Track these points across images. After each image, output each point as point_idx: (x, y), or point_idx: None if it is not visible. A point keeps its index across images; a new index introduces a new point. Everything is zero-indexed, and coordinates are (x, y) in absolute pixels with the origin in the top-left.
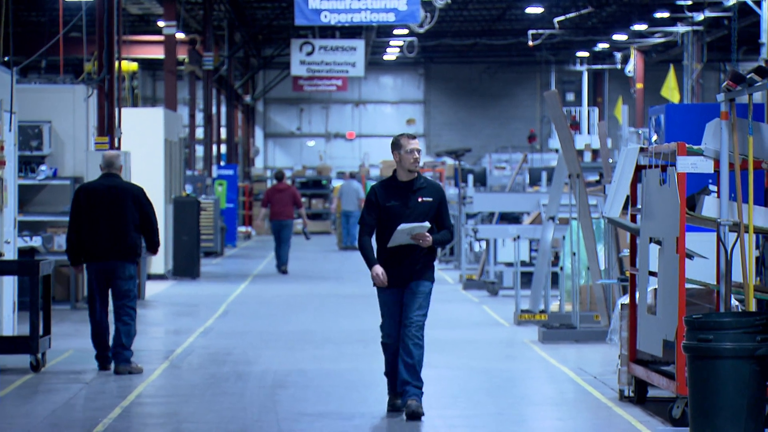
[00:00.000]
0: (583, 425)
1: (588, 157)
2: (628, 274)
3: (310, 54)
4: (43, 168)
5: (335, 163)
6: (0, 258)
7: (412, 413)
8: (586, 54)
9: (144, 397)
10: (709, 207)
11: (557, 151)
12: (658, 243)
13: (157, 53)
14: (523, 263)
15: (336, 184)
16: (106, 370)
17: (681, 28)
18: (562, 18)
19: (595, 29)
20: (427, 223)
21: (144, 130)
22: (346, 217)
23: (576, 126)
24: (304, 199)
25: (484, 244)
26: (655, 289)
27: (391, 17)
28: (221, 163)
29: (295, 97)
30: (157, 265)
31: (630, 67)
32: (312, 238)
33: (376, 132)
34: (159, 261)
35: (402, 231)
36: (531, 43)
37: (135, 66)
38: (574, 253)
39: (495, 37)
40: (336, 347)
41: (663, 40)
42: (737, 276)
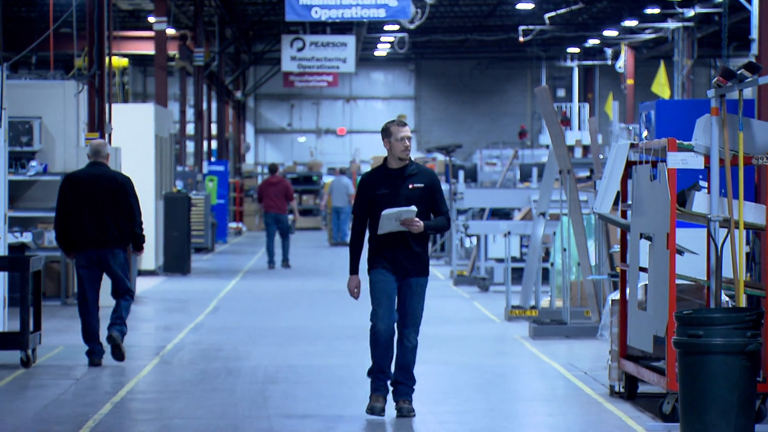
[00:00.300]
0: (573, 421)
1: (579, 153)
2: (618, 270)
3: (300, 50)
4: (33, 164)
5: (326, 159)
6: None
7: (403, 416)
8: (576, 50)
9: (134, 393)
10: (700, 203)
11: (548, 147)
12: (649, 239)
13: (148, 49)
14: (513, 259)
15: (327, 180)
16: (96, 366)
17: (671, 24)
18: (553, 14)
19: (585, 25)
20: (413, 207)
21: (134, 126)
22: (336, 213)
23: (567, 122)
24: (295, 195)
25: (474, 240)
26: (646, 284)
27: (381, 13)
28: (212, 159)
29: (285, 93)
30: (148, 261)
31: (621, 63)
32: (302, 234)
33: (367, 128)
34: (149, 257)
35: (389, 216)
36: (522, 39)
37: (125, 62)
38: (565, 249)
39: (486, 33)
40: (327, 343)
41: (653, 36)
42: (728, 272)
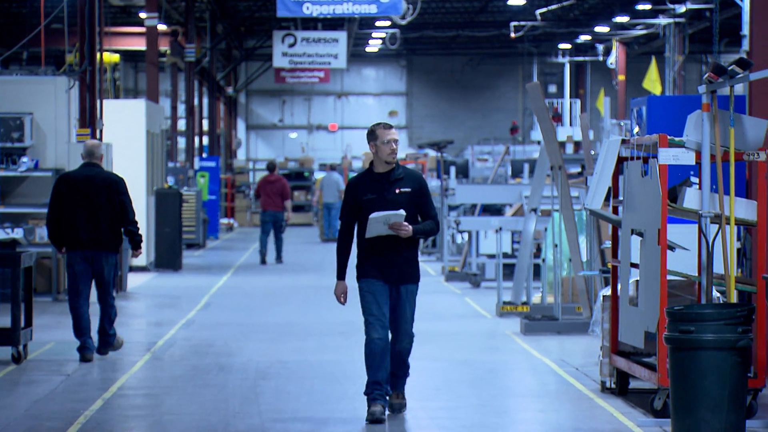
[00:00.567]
0: (564, 417)
1: (570, 148)
2: (609, 265)
3: (292, 46)
4: (24, 160)
5: (318, 155)
6: None
7: (395, 412)
8: (568, 46)
9: (126, 389)
10: (691, 198)
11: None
12: (640, 234)
13: (139, 45)
14: (505, 255)
15: (318, 176)
16: (87, 362)
17: (663, 20)
18: (544, 10)
19: (577, 21)
20: (401, 211)
21: (126, 122)
22: (327, 209)
23: (558, 118)
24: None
25: (466, 235)
26: (637, 280)
27: (373, 9)
28: (203, 154)
29: (277, 88)
30: (139, 257)
31: (612, 59)
32: (293, 230)
33: (359, 124)
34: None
35: (376, 220)
36: (513, 34)
37: (117, 58)
38: (556, 245)
39: (477, 28)
40: (318, 339)
41: (645, 32)
42: (719, 267)
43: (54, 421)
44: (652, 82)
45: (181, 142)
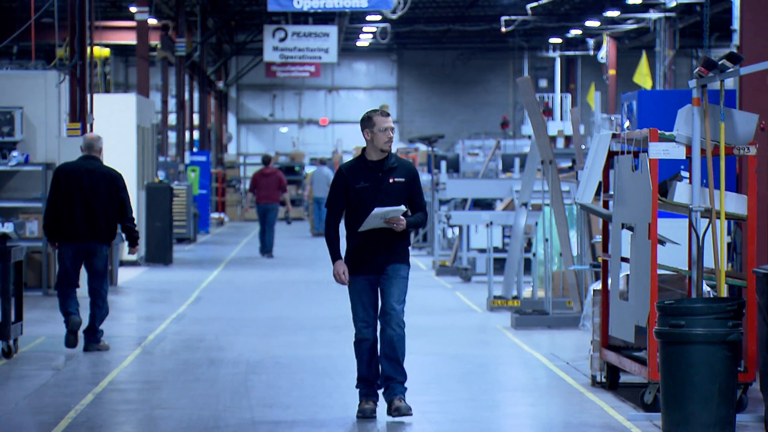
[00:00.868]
0: (555, 411)
1: (561, 143)
2: (600, 260)
3: (283, 40)
4: (14, 154)
5: (308, 149)
6: None
7: (402, 415)
8: (558, 40)
9: (116, 384)
10: (681, 193)
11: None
12: (631, 229)
13: (130, 39)
14: (495, 249)
15: (309, 170)
16: (73, 347)
17: (653, 15)
18: (535, 4)
19: (567, 15)
20: (402, 207)
21: (116, 116)
22: (317, 203)
23: (549, 112)
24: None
25: (457, 230)
26: (628, 275)
27: (363, 3)
28: (194, 149)
29: (268, 83)
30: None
31: (603, 54)
32: (284, 224)
33: (350, 118)
34: None
35: (376, 215)
36: (504, 29)
37: (107, 52)
38: (547, 239)
39: (468, 23)
40: (309, 333)
41: (635, 26)
42: (709, 262)
43: (44, 416)
44: (643, 77)
45: (172, 137)
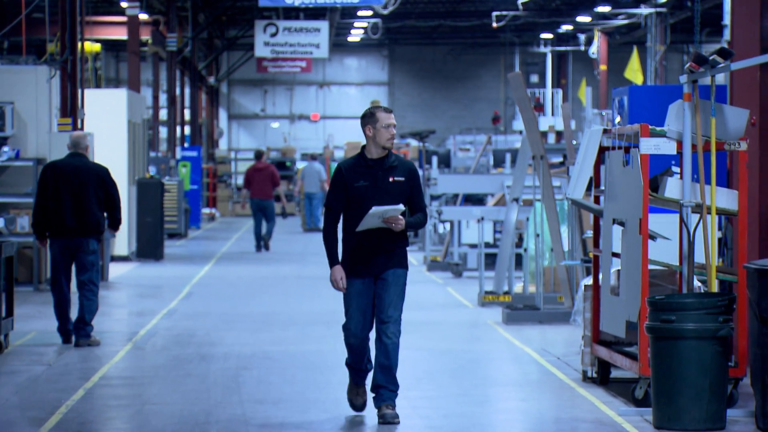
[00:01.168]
0: (546, 406)
1: (552, 138)
2: (591, 255)
3: (274, 35)
4: (5, 149)
5: (300, 144)
6: None
7: (387, 423)
8: (550, 36)
9: (107, 379)
10: (672, 188)
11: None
12: (622, 224)
13: (121, 34)
14: (487, 245)
15: (300, 165)
16: (68, 343)
17: (644, 10)
18: (526, 0)
19: (558, 11)
20: (401, 206)
21: (107, 112)
22: (308, 198)
23: (540, 108)
24: None
25: (448, 225)
26: (618, 270)
27: None
28: (185, 144)
29: (259, 78)
30: (121, 246)
31: (594, 49)
32: (279, 219)
33: (341, 114)
34: (122, 243)
35: (374, 214)
36: (495, 24)
37: (98, 47)
38: (538, 235)
39: (459, 18)
40: (300, 329)
41: (626, 21)
42: (700, 257)
43: (35, 411)
44: (634, 72)
45: (163, 132)
